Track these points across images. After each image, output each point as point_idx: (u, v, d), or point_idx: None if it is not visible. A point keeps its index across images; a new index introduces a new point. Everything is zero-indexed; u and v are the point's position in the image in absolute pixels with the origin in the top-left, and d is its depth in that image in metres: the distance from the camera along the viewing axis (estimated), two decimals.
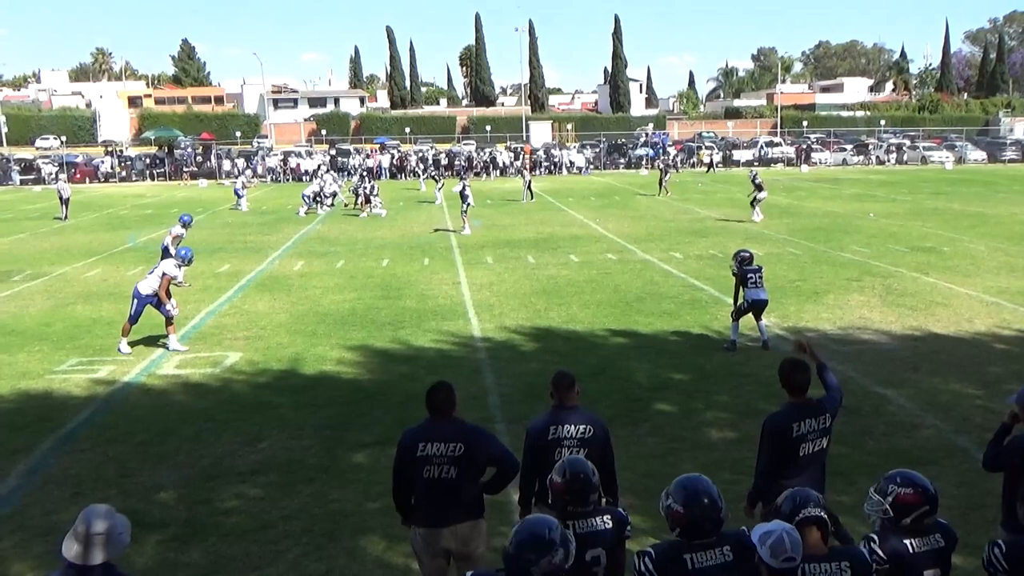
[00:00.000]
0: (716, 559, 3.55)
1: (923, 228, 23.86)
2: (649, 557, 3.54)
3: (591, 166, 55.56)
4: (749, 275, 11.68)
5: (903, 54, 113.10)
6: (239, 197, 33.96)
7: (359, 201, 31.10)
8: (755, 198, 25.94)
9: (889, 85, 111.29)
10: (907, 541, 3.78)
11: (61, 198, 31.49)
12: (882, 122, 76.18)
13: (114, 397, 10.17)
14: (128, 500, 7.10)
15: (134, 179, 53.50)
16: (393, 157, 54.04)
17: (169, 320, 12.25)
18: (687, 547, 3.55)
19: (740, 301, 11.77)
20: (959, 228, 23.65)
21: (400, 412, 9.11)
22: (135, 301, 12.12)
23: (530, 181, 35.76)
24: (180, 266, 12.55)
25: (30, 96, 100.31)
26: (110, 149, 62.91)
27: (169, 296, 12.20)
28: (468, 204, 25.22)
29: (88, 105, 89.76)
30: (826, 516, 3.64)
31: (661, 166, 38.31)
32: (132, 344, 12.18)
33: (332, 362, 11.45)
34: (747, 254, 11.97)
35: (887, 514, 3.82)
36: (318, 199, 32.31)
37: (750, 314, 11.78)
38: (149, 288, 12.12)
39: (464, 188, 25.61)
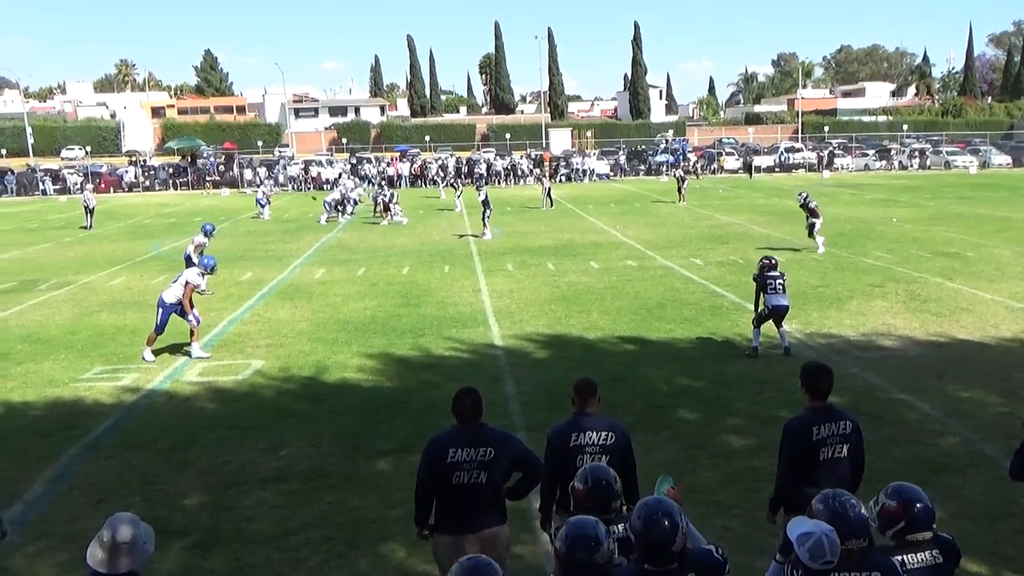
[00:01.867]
0: None
1: (947, 233, 23.62)
2: None
3: (613, 173, 55.50)
4: (769, 281, 11.68)
5: (926, 58, 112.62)
6: (261, 206, 34.22)
7: (378, 209, 31.30)
8: (812, 225, 20.84)
9: (912, 89, 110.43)
10: (898, 557, 3.63)
11: (86, 208, 31.84)
12: (904, 127, 75.63)
13: (138, 405, 10.26)
14: (151, 507, 7.16)
15: (157, 188, 54.03)
16: (413, 165, 54.29)
17: (192, 328, 12.37)
18: (649, 574, 3.40)
19: (761, 307, 11.75)
20: (984, 233, 23.40)
21: (420, 420, 9.14)
22: (160, 310, 12.23)
23: (550, 188, 35.82)
24: (203, 275, 12.66)
25: (56, 107, 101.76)
26: (134, 159, 63.63)
27: (192, 305, 12.30)
28: (490, 210, 25.49)
29: (112, 116, 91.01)
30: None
31: (680, 174, 37.94)
32: (156, 352, 12.29)
33: (353, 370, 11.49)
34: (769, 260, 11.98)
35: (874, 523, 3.76)
36: (339, 207, 32.51)
37: (772, 321, 11.72)
38: (173, 297, 12.24)
39: (485, 195, 26.06)
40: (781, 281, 11.75)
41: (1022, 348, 11.74)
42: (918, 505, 3.67)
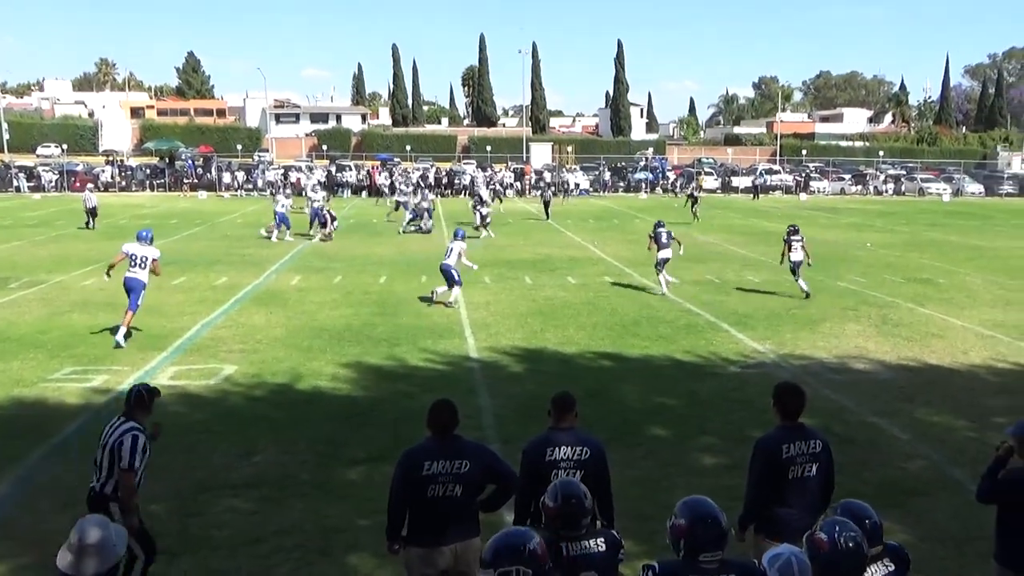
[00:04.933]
0: None
1: (920, 259, 23.95)
2: (653, 571, 3.56)
3: (592, 189, 55.85)
4: (793, 242, 17.41)
5: (903, 86, 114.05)
6: (279, 224, 28.44)
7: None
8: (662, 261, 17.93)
9: (888, 117, 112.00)
10: None
11: (86, 207, 31.20)
12: (881, 153, 76.60)
13: (108, 407, 10.10)
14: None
15: (134, 189, 53.53)
16: (393, 175, 54.22)
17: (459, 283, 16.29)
18: (693, 567, 3.54)
19: (785, 262, 17.70)
20: (956, 260, 23.75)
21: (394, 429, 9.10)
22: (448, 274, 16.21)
23: (548, 202, 36.38)
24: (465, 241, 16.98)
25: (33, 104, 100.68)
26: (111, 159, 63.01)
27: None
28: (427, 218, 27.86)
29: (90, 114, 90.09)
30: None
31: (694, 193, 37.67)
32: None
33: (327, 378, 11.43)
34: (794, 227, 17.81)
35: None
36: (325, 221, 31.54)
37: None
38: (453, 260, 16.35)
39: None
40: (800, 244, 17.41)
41: (990, 374, 11.92)
42: (867, 521, 3.74)
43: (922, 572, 6.29)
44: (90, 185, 39.23)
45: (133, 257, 13.26)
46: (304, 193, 35.01)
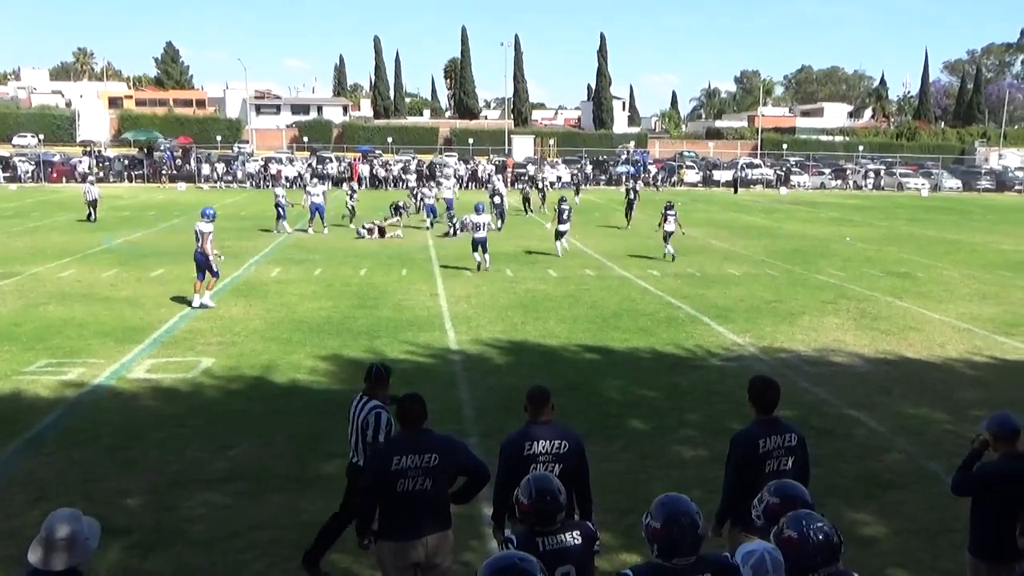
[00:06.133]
0: None
1: (898, 253, 24.12)
2: None
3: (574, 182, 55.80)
4: (668, 215, 21.68)
5: (883, 81, 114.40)
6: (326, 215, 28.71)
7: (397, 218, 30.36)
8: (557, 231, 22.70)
9: (868, 111, 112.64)
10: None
11: (87, 200, 30.63)
12: (860, 148, 77.04)
13: (83, 400, 10.03)
14: (93, 505, 6.96)
15: (112, 180, 52.94)
16: (374, 166, 54.05)
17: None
18: (668, 570, 3.47)
19: (660, 230, 21.92)
20: (933, 254, 23.95)
21: None
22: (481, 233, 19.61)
23: (529, 195, 36.61)
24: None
25: (9, 93, 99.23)
26: (88, 149, 62.27)
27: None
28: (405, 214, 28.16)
29: (68, 104, 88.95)
30: None
31: (633, 187, 34.10)
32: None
33: (306, 370, 11.35)
34: (671, 203, 22.33)
35: (760, 520, 3.83)
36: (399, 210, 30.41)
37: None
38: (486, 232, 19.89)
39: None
40: (674, 217, 21.83)
41: (967, 367, 12.02)
42: (799, 501, 3.74)
43: (897, 564, 6.36)
44: (91, 177, 38.59)
45: (196, 233, 15.34)
46: (305, 188, 34.54)
